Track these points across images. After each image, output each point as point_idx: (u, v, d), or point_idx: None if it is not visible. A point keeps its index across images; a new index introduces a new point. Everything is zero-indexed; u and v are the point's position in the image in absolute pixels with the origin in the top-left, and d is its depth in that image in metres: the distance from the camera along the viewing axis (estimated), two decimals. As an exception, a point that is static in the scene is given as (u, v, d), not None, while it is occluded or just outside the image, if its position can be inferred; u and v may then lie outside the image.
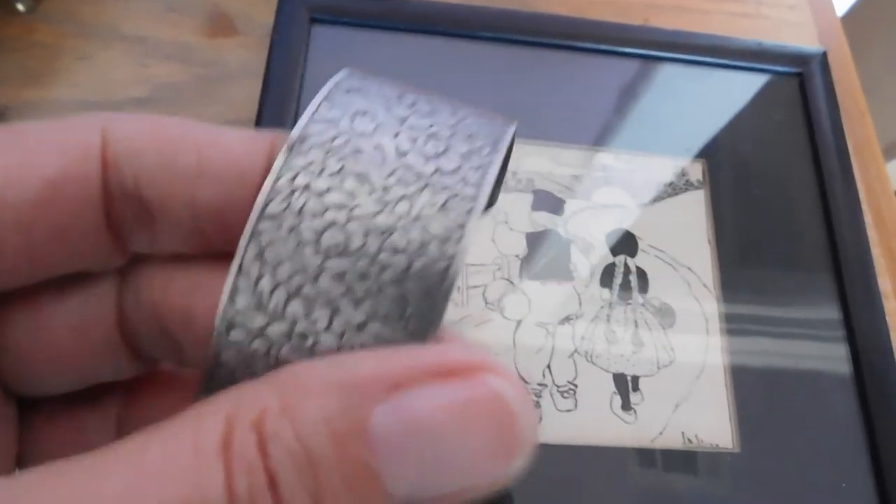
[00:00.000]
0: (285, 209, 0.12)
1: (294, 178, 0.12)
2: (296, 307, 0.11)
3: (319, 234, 0.11)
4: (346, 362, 0.11)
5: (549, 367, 0.32)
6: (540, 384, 0.31)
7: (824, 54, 0.41)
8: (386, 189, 0.12)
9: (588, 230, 0.35)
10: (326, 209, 0.11)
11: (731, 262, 0.35)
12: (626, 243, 0.35)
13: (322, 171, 0.12)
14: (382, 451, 0.10)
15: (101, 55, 0.40)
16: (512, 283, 0.33)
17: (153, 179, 0.12)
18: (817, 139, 0.38)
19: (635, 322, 0.33)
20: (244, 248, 0.12)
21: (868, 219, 0.39)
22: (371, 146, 0.12)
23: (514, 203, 0.35)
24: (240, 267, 0.12)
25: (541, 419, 0.31)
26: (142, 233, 0.13)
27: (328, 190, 0.12)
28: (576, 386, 0.32)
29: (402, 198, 0.12)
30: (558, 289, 0.33)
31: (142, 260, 0.14)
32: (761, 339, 0.34)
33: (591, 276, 0.34)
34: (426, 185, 0.12)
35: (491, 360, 0.11)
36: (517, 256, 0.34)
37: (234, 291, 0.12)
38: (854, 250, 0.36)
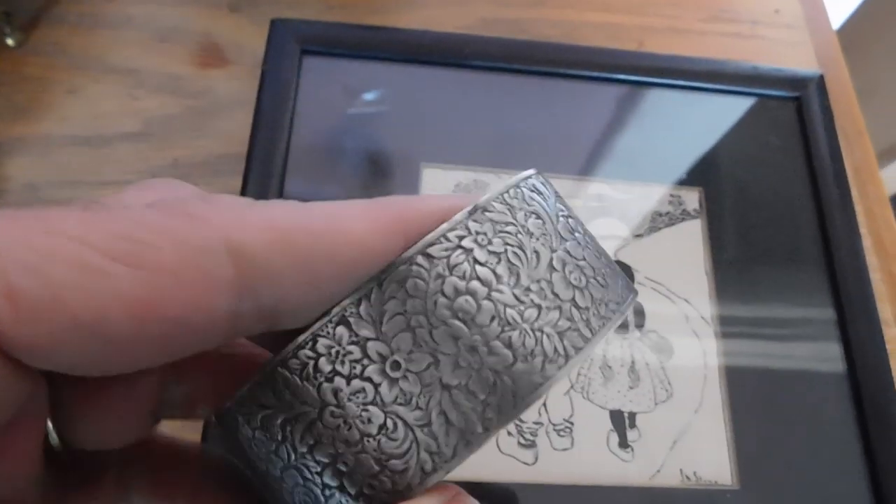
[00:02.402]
0: (443, 258, 0.13)
1: (462, 237, 0.13)
2: (404, 340, 0.12)
3: (458, 294, 0.12)
4: None
5: (544, 405, 0.31)
6: (536, 423, 0.31)
7: (821, 77, 0.40)
8: (527, 291, 0.13)
9: (583, 263, 0.34)
10: (474, 278, 0.13)
11: (730, 294, 0.34)
12: (622, 275, 0.34)
13: (487, 245, 0.13)
14: None
15: (91, 87, 0.39)
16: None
17: (291, 294, 0.12)
18: (815, 164, 0.38)
19: (632, 357, 0.33)
20: (394, 269, 0.13)
21: (867, 243, 0.39)
22: (531, 248, 0.13)
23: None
24: (381, 282, 0.13)
25: (537, 458, 0.30)
26: (262, 329, 0.13)
27: (484, 263, 0.13)
28: (572, 424, 0.31)
29: (536, 306, 0.13)
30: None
31: None
32: (761, 375, 0.33)
33: (586, 309, 0.33)
34: (558, 307, 0.13)
35: None
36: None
37: (366, 296, 0.13)
38: (854, 277, 0.35)
